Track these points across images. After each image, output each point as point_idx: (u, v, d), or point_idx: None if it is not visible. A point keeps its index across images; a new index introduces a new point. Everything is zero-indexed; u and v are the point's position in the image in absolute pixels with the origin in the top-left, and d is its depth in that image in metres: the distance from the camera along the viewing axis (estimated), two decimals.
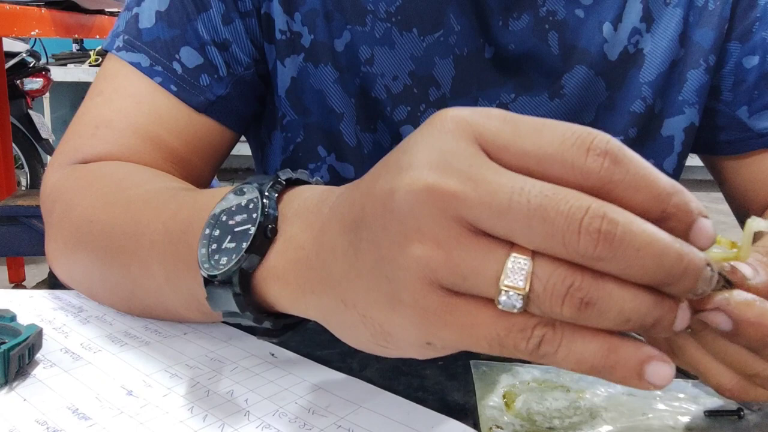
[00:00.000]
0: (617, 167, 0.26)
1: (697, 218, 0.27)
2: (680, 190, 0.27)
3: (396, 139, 0.62)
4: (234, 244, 0.36)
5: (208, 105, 0.59)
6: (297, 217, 0.36)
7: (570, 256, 0.26)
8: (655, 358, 0.27)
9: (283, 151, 0.65)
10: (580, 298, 0.26)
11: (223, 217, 0.38)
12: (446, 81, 0.61)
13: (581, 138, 0.26)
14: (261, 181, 0.38)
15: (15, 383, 0.40)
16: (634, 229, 0.25)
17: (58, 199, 0.55)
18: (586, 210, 0.25)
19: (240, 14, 0.60)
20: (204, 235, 0.38)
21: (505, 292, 0.26)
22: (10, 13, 1.70)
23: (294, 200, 0.37)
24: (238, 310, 0.36)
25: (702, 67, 0.63)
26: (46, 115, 4.11)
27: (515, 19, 0.60)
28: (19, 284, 2.54)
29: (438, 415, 0.38)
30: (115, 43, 0.60)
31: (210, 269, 0.36)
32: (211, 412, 0.38)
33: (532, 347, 0.27)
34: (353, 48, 0.60)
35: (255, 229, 0.35)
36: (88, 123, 0.58)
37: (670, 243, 0.26)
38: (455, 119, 0.28)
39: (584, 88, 0.61)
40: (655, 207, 0.26)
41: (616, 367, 0.27)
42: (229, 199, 0.38)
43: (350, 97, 0.61)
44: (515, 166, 0.27)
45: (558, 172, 0.26)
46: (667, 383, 0.27)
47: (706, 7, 0.62)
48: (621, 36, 0.61)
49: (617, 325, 0.26)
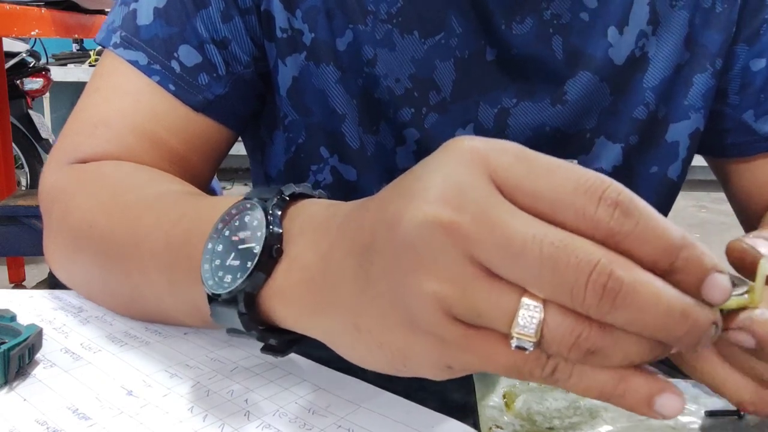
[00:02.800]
0: (627, 219, 0.26)
1: (710, 272, 0.27)
2: (691, 244, 0.27)
3: (400, 141, 0.61)
4: (238, 262, 0.36)
5: (206, 104, 0.59)
6: (302, 236, 0.36)
7: (578, 308, 0.26)
8: (665, 390, 0.27)
9: (285, 152, 0.64)
10: (587, 347, 0.27)
11: (226, 232, 0.38)
12: (447, 84, 0.60)
13: (594, 186, 0.27)
14: (264, 195, 0.38)
15: (15, 383, 0.40)
16: (638, 288, 0.26)
17: (57, 199, 0.54)
18: (595, 265, 0.26)
19: (240, 11, 0.59)
20: (207, 249, 0.38)
21: (517, 338, 0.27)
22: (10, 13, 1.71)
23: (298, 216, 0.37)
24: (243, 329, 0.36)
25: (708, 71, 0.62)
26: (46, 115, 4.11)
27: (519, 23, 0.58)
28: (19, 284, 2.54)
29: (438, 415, 0.38)
30: (112, 39, 0.59)
31: (214, 287, 0.36)
32: (211, 412, 0.38)
33: (547, 374, 0.28)
34: (356, 48, 0.59)
35: (260, 249, 0.35)
36: (87, 121, 0.58)
37: (675, 304, 0.26)
38: (468, 150, 0.28)
39: (588, 94, 0.60)
40: (664, 259, 0.27)
41: (626, 395, 0.28)
42: (232, 214, 0.38)
43: (352, 98, 0.61)
44: (527, 207, 0.27)
45: (569, 218, 0.27)
46: (677, 414, 0.28)
47: (714, 10, 0.61)
48: (627, 40, 0.60)
49: (624, 365, 0.27)
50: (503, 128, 0.61)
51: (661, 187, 0.66)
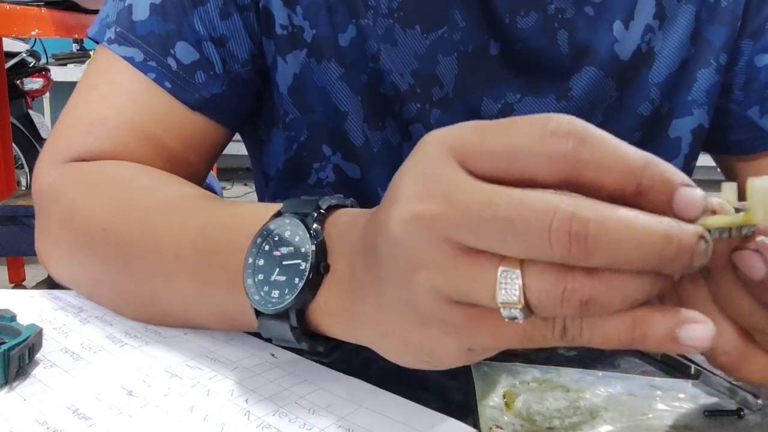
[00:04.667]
0: (582, 146, 0.25)
1: (678, 188, 0.26)
2: (654, 162, 0.26)
3: (406, 137, 0.61)
4: (284, 278, 0.37)
5: (202, 103, 0.58)
6: (336, 248, 0.37)
7: (554, 261, 0.25)
8: (686, 320, 0.26)
9: (285, 150, 0.64)
10: (578, 299, 0.25)
11: (266, 247, 0.38)
12: (449, 80, 0.59)
13: (542, 123, 0.26)
14: (302, 209, 0.38)
15: (15, 383, 0.40)
16: (606, 224, 0.24)
17: (56, 199, 0.54)
18: (553, 213, 0.25)
19: (238, 8, 0.58)
20: (248, 264, 0.38)
21: (503, 307, 0.26)
22: (10, 13, 1.71)
23: (334, 228, 0.38)
24: (294, 341, 0.38)
25: (713, 66, 0.61)
26: (46, 115, 4.11)
27: (523, 17, 0.58)
28: (19, 284, 2.54)
29: (438, 415, 0.38)
30: (107, 35, 0.58)
31: (261, 302, 0.37)
32: (211, 412, 0.38)
33: (559, 335, 0.27)
34: (360, 43, 0.59)
35: (308, 266, 0.36)
36: (81, 119, 0.57)
37: (651, 228, 0.25)
38: (435, 140, 0.29)
39: (593, 89, 0.60)
40: (629, 183, 0.26)
41: (646, 337, 0.26)
42: (270, 228, 0.39)
43: (356, 94, 0.60)
44: (490, 171, 0.27)
45: (529, 166, 0.26)
46: (708, 342, 0.26)
47: (719, 4, 0.61)
48: (633, 35, 0.60)
49: (628, 307, 0.26)
50: None
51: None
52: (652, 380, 0.43)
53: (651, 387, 0.42)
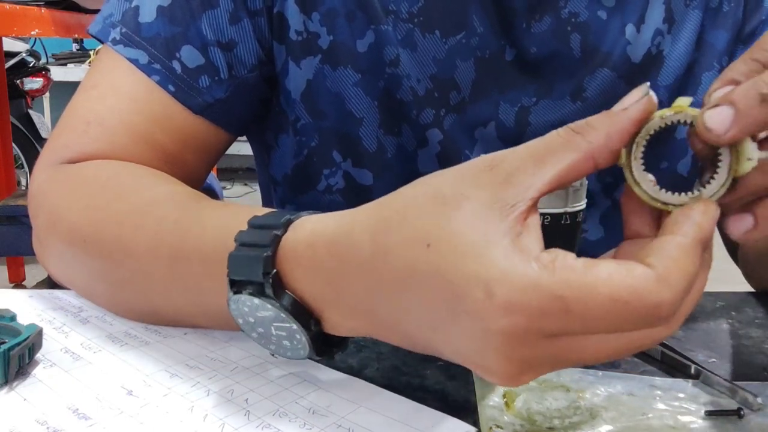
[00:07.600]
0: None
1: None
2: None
3: (422, 143, 0.61)
4: (289, 344, 0.39)
5: (205, 107, 0.58)
6: (314, 284, 0.37)
7: None
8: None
9: (295, 156, 0.64)
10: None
11: (260, 331, 0.40)
12: (466, 84, 0.60)
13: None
14: (253, 257, 0.38)
15: (15, 383, 0.40)
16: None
17: (40, 205, 0.54)
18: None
19: (249, 13, 0.58)
20: (245, 328, 0.40)
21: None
22: (10, 13, 1.71)
23: (298, 263, 0.38)
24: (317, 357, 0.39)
25: (715, 68, 0.62)
26: (46, 115, 4.11)
27: (537, 21, 0.59)
28: (19, 284, 2.54)
29: (438, 415, 0.38)
30: (111, 35, 0.58)
31: (278, 351, 0.40)
32: (211, 412, 0.38)
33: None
34: (377, 49, 0.59)
35: (307, 339, 0.38)
36: (80, 119, 0.57)
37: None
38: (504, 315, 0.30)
39: (606, 91, 0.61)
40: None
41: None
42: (235, 315, 0.40)
43: (373, 100, 0.60)
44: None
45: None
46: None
47: (720, 9, 0.62)
48: (644, 38, 0.61)
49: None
50: (524, 126, 0.61)
51: (671, 183, 0.66)
52: (652, 380, 0.43)
53: (651, 387, 0.42)
